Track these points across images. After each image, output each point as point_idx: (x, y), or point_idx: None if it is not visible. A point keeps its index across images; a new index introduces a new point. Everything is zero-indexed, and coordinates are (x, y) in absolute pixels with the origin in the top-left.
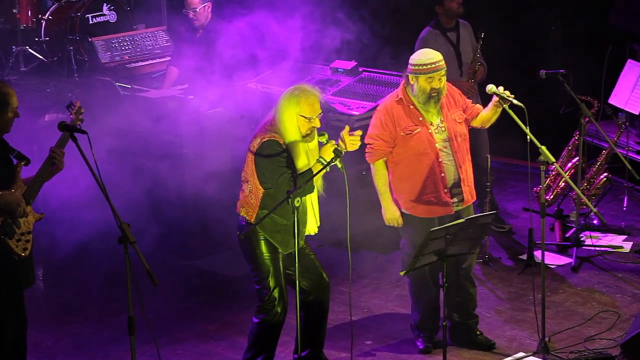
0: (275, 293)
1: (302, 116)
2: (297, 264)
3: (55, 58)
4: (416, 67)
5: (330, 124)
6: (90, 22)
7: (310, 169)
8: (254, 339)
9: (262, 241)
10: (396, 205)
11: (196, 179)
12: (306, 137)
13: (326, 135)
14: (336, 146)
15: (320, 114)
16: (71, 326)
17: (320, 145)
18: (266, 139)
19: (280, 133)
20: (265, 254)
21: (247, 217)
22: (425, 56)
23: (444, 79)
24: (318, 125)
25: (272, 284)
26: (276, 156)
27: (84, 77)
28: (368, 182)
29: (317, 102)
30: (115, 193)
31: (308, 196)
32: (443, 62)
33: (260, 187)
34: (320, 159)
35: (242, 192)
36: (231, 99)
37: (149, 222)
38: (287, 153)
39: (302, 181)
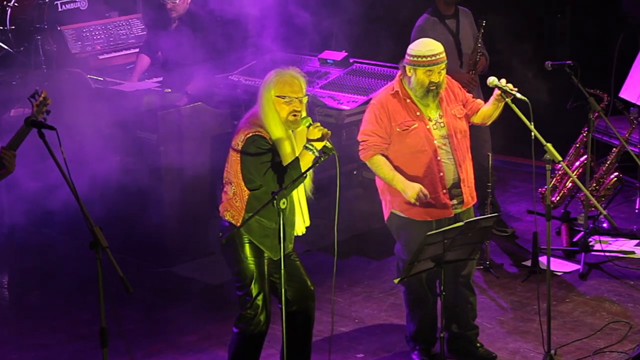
0: (259, 301)
1: (278, 97)
2: (282, 270)
3: (22, 48)
4: (415, 59)
5: (319, 120)
6: (60, 10)
7: (297, 159)
8: (234, 351)
9: (247, 244)
10: (391, 207)
11: (174, 178)
12: (289, 122)
13: (310, 119)
14: (319, 128)
15: (302, 96)
16: (38, 338)
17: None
18: (250, 135)
19: (263, 125)
20: (249, 258)
21: (232, 221)
22: (426, 47)
23: (443, 72)
24: (298, 108)
25: (255, 290)
26: (263, 152)
27: (52, 68)
28: (359, 183)
29: (295, 82)
30: (86, 194)
31: (295, 196)
32: (444, 54)
33: (246, 189)
34: (308, 145)
35: (224, 194)
36: (212, 93)
37: (123, 225)
38: (273, 148)
39: (289, 180)
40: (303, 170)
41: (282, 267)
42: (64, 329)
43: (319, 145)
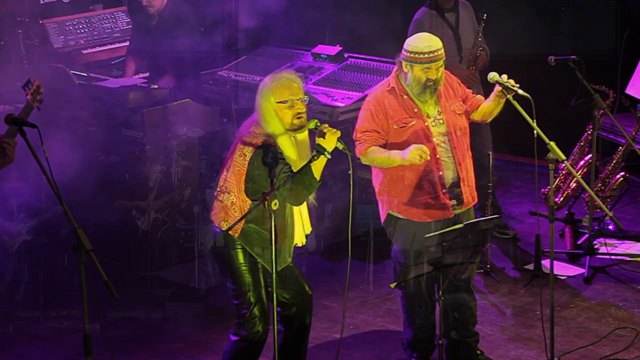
0: (256, 310)
1: (280, 102)
2: (274, 275)
3: (2, 42)
4: (412, 55)
5: (313, 117)
6: (42, 2)
7: (309, 164)
8: (230, 359)
9: (240, 250)
10: (388, 208)
11: (161, 178)
12: (295, 126)
13: (316, 121)
14: (328, 129)
15: (302, 98)
16: (18, 345)
17: (312, 133)
18: (259, 145)
19: (267, 133)
20: (243, 265)
21: (230, 231)
22: (423, 43)
23: (442, 69)
24: (302, 109)
25: (253, 299)
26: (274, 162)
27: (34, 64)
28: (355, 183)
29: (293, 85)
30: (69, 193)
31: (296, 207)
32: (442, 50)
33: (247, 200)
34: (318, 148)
35: (219, 203)
36: (200, 89)
37: (108, 227)
38: (283, 157)
39: (301, 187)
40: (317, 176)
41: (274, 271)
42: (45, 336)
43: (329, 147)
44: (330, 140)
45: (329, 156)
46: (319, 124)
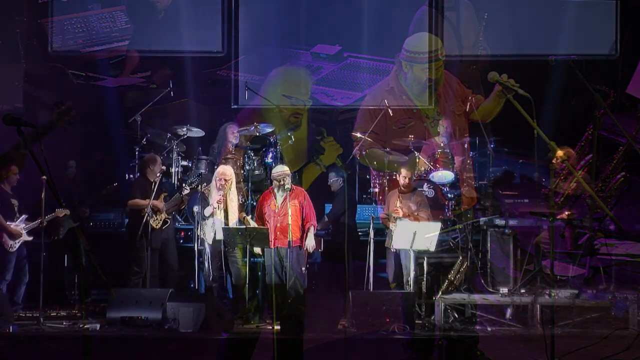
0: (251, 307)
1: (284, 96)
2: (273, 274)
3: (0, 42)
4: (412, 55)
5: (311, 117)
6: (40, 2)
7: (301, 172)
8: (223, 358)
9: (239, 246)
10: (386, 208)
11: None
12: (290, 124)
13: (324, 131)
14: (332, 143)
15: (307, 99)
16: (18, 345)
17: (317, 141)
18: (256, 135)
19: (268, 130)
20: (243, 262)
21: (230, 228)
22: (423, 42)
23: (441, 69)
24: (302, 111)
25: (248, 295)
26: (273, 164)
27: (32, 63)
28: (353, 183)
29: (302, 84)
30: (66, 193)
31: (292, 205)
32: (443, 49)
33: (247, 195)
34: (318, 148)
35: (220, 196)
36: (199, 88)
37: (104, 227)
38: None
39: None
40: (306, 186)
41: (272, 272)
42: (45, 337)
43: (327, 160)
44: (330, 154)
45: (324, 169)
46: (325, 135)
